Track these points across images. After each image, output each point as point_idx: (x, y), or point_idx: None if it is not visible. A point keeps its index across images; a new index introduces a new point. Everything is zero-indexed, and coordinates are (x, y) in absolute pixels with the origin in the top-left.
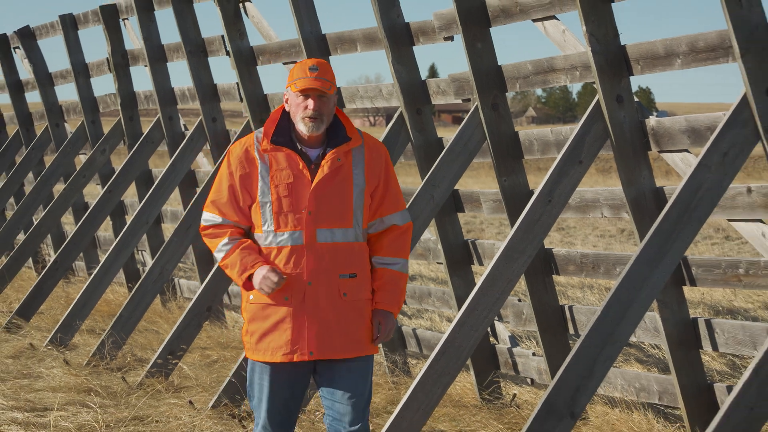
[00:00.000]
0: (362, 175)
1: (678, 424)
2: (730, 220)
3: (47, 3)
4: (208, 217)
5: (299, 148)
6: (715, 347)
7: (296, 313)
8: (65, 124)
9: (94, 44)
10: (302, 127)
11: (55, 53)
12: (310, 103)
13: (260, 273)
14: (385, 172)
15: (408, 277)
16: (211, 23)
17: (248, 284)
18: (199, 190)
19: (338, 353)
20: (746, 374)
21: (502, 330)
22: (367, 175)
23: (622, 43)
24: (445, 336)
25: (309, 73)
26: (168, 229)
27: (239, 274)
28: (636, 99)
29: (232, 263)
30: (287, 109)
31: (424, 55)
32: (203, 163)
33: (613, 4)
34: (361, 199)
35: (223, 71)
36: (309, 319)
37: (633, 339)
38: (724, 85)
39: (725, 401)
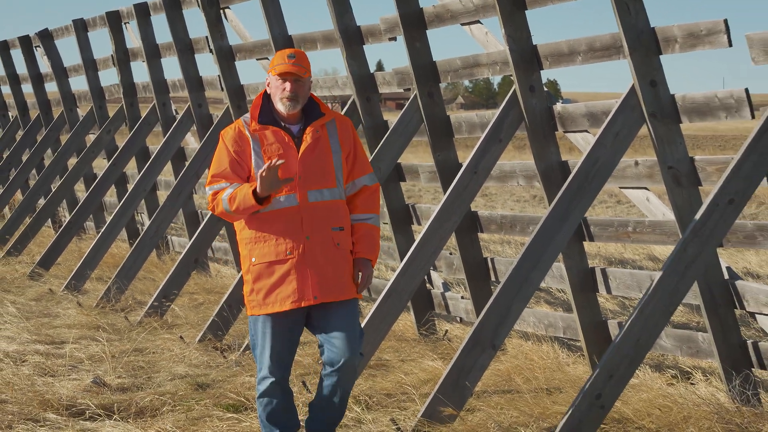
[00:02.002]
0: (338, 143)
1: (579, 353)
2: (621, 188)
3: (63, 9)
4: (213, 186)
5: (283, 125)
6: (608, 291)
7: (299, 265)
8: (77, 109)
9: (101, 43)
10: (281, 107)
11: (69, 51)
12: (288, 85)
13: (259, 174)
14: (354, 140)
15: (380, 231)
16: (197, 26)
17: (257, 198)
18: (187, 163)
19: (337, 296)
20: (633, 313)
21: (437, 278)
22: (341, 142)
23: (534, 43)
24: (389, 283)
25: (287, 60)
26: (162, 195)
27: (249, 188)
28: (545, 89)
29: (239, 190)
30: (268, 91)
31: (373, 52)
32: (191, 141)
33: (526, 11)
34: (340, 162)
35: (207, 66)
36: (311, 269)
37: (543, 284)
38: (616, 78)
39: (617, 335)
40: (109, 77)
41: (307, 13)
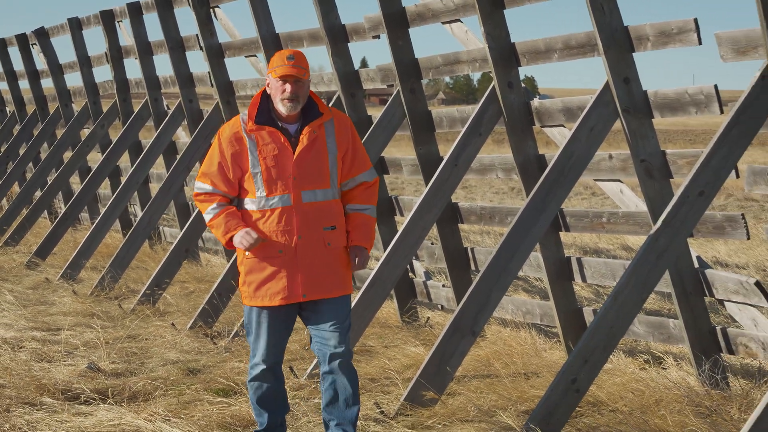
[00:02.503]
0: (334, 143)
1: (555, 340)
2: (595, 180)
3: (58, 8)
4: (200, 185)
5: (280, 125)
6: (584, 279)
7: (289, 263)
8: (72, 104)
9: (95, 41)
10: (282, 108)
11: (64, 48)
12: (288, 87)
13: (240, 233)
14: (352, 139)
15: (375, 222)
16: (188, 25)
17: (230, 243)
18: (179, 156)
19: (325, 293)
20: (607, 300)
21: (419, 267)
22: (338, 142)
23: (513, 41)
24: (373, 272)
25: (287, 61)
26: (154, 187)
27: (223, 235)
28: (523, 85)
29: (218, 225)
30: (268, 91)
31: (357, 50)
32: (182, 136)
33: (505, 11)
34: (335, 163)
35: (198, 63)
36: (301, 268)
37: (521, 273)
38: (592, 75)
39: (592, 322)
40: (103, 74)
41: (293, 11)
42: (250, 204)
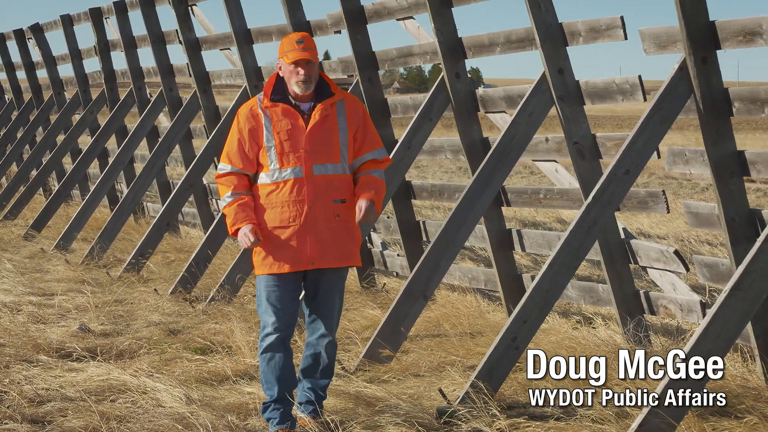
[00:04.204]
0: (345, 122)
1: (498, 303)
2: (534, 160)
3: (51, 5)
4: (222, 166)
5: (294, 102)
6: (523, 249)
7: (300, 232)
8: (65, 92)
9: (85, 36)
10: (296, 89)
11: (57, 42)
12: (301, 70)
13: (243, 230)
14: (363, 120)
15: (385, 185)
16: (168, 21)
17: (235, 234)
18: (160, 139)
19: (332, 263)
20: (544, 267)
21: (376, 238)
22: (349, 121)
23: (460, 36)
24: None
25: (297, 46)
26: (138, 167)
27: (230, 225)
28: (469, 75)
29: (229, 214)
30: (281, 74)
31: (321, 43)
32: (163, 121)
33: (453, 8)
34: (346, 140)
35: (177, 55)
36: (310, 236)
37: (467, 243)
38: (530, 66)
39: (530, 286)
40: (92, 65)
41: (264, 9)
42: (264, 177)
